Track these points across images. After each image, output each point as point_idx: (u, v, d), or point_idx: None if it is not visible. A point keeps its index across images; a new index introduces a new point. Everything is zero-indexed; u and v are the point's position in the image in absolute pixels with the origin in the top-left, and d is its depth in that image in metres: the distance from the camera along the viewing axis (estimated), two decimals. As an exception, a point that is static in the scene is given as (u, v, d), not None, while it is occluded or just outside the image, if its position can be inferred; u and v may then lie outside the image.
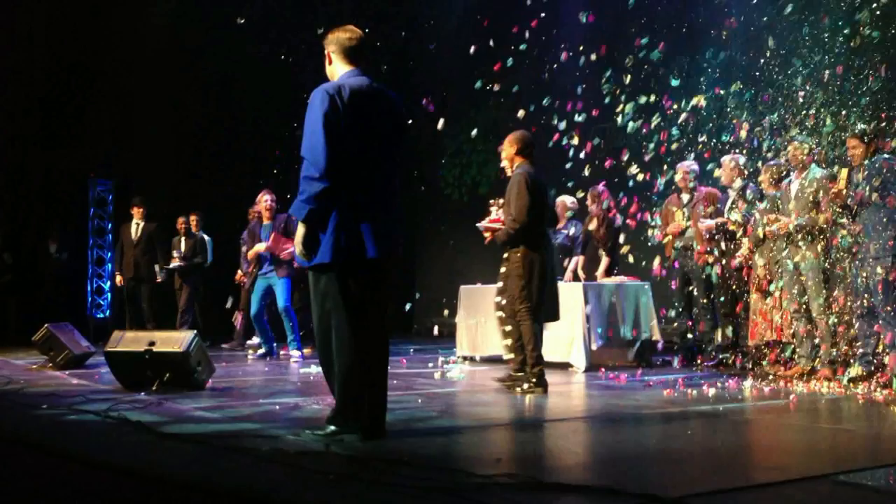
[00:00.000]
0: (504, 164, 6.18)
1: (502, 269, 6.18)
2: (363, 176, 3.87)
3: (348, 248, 3.81)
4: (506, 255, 6.08)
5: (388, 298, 4.06)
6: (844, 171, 6.19)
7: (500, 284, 6.22)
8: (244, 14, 12.20)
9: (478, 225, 6.33)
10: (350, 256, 3.81)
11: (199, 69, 11.99)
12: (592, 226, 8.12)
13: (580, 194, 8.50)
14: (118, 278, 10.44)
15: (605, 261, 7.95)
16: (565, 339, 7.37)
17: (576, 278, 8.09)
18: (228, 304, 10.04)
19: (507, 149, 6.06)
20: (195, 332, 5.99)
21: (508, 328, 6.00)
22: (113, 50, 11.74)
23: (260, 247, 8.68)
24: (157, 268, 10.17)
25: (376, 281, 3.90)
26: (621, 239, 8.05)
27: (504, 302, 6.07)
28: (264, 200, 8.85)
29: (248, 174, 11.65)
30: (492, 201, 6.50)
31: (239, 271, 9.86)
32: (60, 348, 7.46)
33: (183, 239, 10.32)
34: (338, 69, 4.04)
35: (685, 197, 7.66)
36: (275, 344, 8.89)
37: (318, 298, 3.96)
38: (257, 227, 8.95)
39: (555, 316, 6.10)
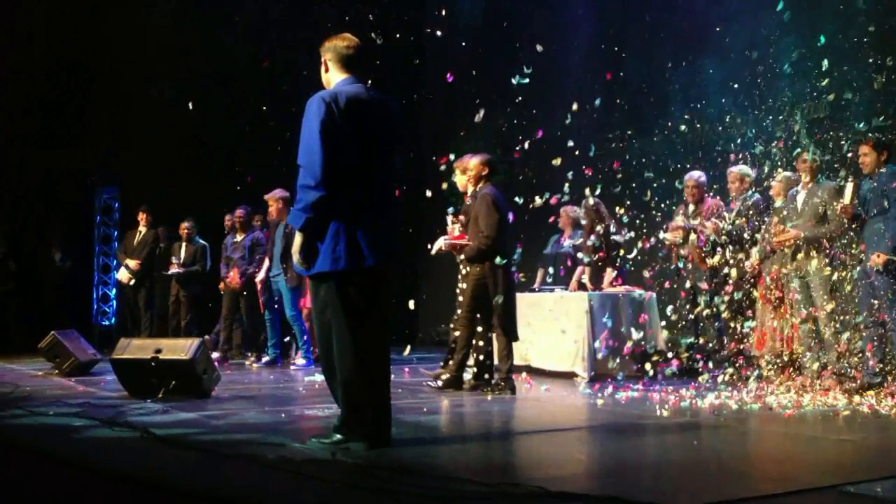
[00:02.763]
0: (458, 177, 6.57)
1: (462, 285, 6.52)
2: (360, 183, 3.87)
3: (347, 257, 3.81)
4: (466, 270, 6.42)
5: (389, 306, 4.07)
6: (850, 185, 6.19)
7: (460, 299, 6.53)
8: (241, 18, 12.27)
9: (443, 240, 6.52)
10: (349, 265, 3.81)
11: (199, 69, 11.97)
12: (591, 237, 8.12)
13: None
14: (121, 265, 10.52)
15: (609, 273, 7.94)
16: (570, 348, 7.37)
17: (581, 288, 8.08)
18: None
19: (476, 168, 6.42)
20: (201, 339, 6.00)
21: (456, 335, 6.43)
22: (113, 50, 11.68)
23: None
24: (126, 266, 10.08)
25: (376, 288, 3.91)
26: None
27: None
28: (271, 204, 8.79)
29: (249, 176, 11.61)
30: (452, 218, 6.66)
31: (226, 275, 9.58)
32: (66, 355, 7.47)
33: (184, 245, 10.10)
34: (334, 77, 4.06)
35: (691, 207, 7.64)
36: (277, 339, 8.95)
37: (318, 308, 3.96)
38: (274, 230, 8.90)
39: (515, 336, 6.41)
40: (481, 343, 6.47)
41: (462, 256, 6.50)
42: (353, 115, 3.85)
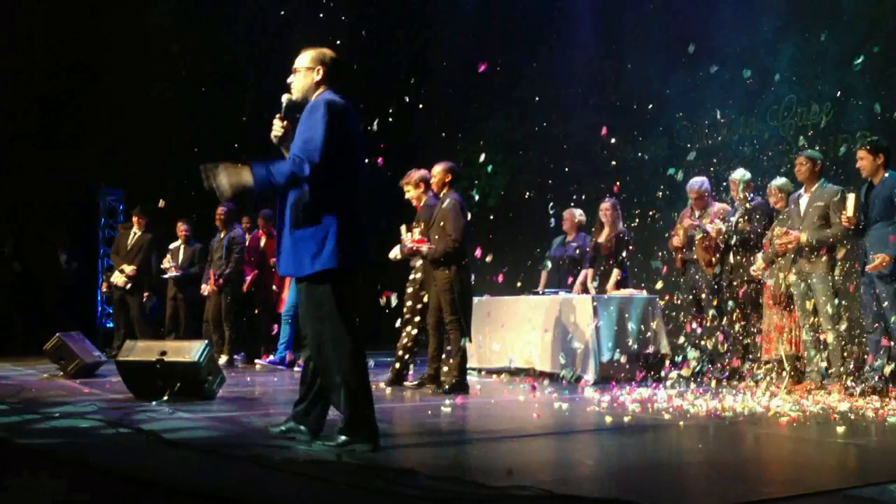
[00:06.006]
0: (409, 191, 6.96)
1: (410, 289, 6.93)
2: (352, 187, 4.02)
3: (350, 255, 3.91)
4: (417, 271, 6.87)
5: None
6: (852, 197, 6.19)
7: (409, 303, 6.92)
8: (241, 17, 12.28)
9: (410, 243, 6.76)
10: (352, 262, 3.93)
11: (200, 69, 11.98)
12: (602, 238, 8.13)
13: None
14: (104, 285, 10.44)
15: (615, 274, 7.95)
16: (575, 351, 7.38)
17: (585, 291, 8.09)
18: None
19: (440, 176, 6.73)
20: (206, 341, 6.02)
21: (409, 331, 6.88)
22: (113, 50, 11.67)
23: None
24: (121, 270, 9.92)
25: (354, 289, 4.05)
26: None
27: (407, 316, 6.88)
28: None
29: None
30: (413, 224, 6.92)
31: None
32: (71, 357, 7.48)
33: (182, 247, 9.95)
34: (320, 85, 4.15)
35: (697, 213, 7.63)
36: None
37: (312, 307, 3.99)
38: None
39: (468, 336, 6.73)
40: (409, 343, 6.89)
41: (418, 263, 6.87)
42: (348, 124, 4.02)
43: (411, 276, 7.03)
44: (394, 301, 6.89)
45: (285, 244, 4.01)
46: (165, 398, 5.65)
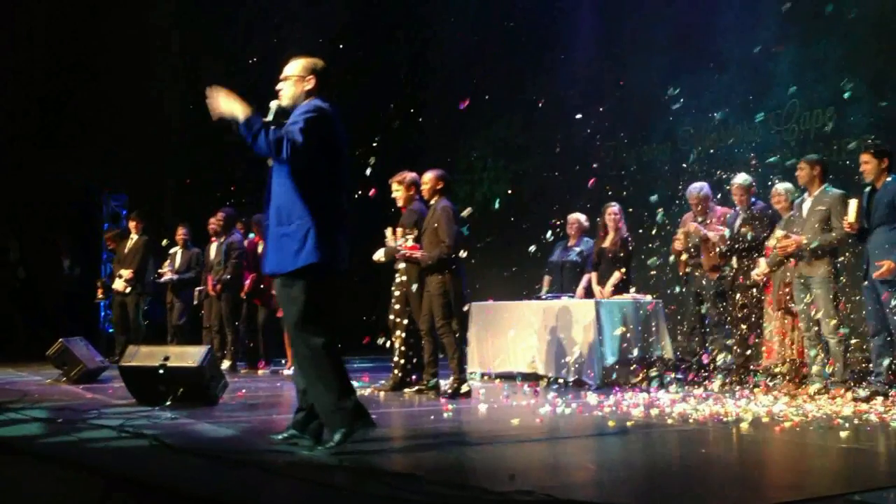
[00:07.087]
0: (397, 190, 6.99)
1: (397, 292, 6.92)
2: (336, 191, 4.08)
3: (331, 254, 3.95)
4: (402, 274, 6.86)
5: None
6: (854, 202, 6.18)
7: (396, 306, 6.94)
8: (241, 17, 12.28)
9: (401, 248, 6.78)
10: (330, 260, 3.96)
11: (200, 69, 11.98)
12: (606, 243, 8.12)
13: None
14: (99, 292, 10.49)
15: (615, 276, 7.93)
16: (577, 356, 7.37)
17: (588, 295, 8.07)
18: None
19: (431, 181, 6.80)
20: (209, 347, 6.02)
21: (399, 337, 6.92)
22: (113, 50, 11.66)
23: None
24: (119, 275, 9.92)
25: (338, 293, 4.11)
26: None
27: (397, 320, 6.92)
28: None
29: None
30: (399, 230, 6.93)
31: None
32: (74, 362, 7.50)
33: (179, 251, 9.91)
34: (311, 93, 4.18)
35: (700, 218, 7.61)
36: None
37: (289, 305, 4.01)
38: None
39: (462, 339, 6.84)
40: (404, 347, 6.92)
41: (401, 265, 6.89)
42: (335, 131, 4.10)
43: (397, 279, 6.99)
44: (383, 341, 7.09)
45: (270, 243, 4.07)
46: (168, 403, 5.65)
